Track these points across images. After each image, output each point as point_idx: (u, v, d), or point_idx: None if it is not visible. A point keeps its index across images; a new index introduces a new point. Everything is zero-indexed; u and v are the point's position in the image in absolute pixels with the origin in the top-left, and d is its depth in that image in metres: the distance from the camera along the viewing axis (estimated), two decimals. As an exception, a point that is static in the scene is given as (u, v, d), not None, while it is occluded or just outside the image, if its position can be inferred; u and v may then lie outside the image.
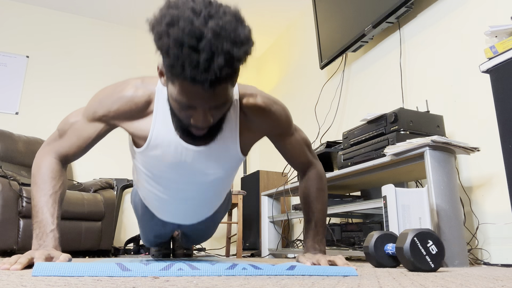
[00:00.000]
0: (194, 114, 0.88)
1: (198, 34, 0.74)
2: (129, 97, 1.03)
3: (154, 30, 0.79)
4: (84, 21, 3.90)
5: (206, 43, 0.74)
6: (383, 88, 2.50)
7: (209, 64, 0.75)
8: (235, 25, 0.78)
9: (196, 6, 0.77)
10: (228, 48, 0.75)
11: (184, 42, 0.74)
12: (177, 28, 0.74)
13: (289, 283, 0.68)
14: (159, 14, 0.79)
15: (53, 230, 1.00)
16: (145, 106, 1.03)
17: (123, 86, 1.04)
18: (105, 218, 2.78)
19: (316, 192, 1.23)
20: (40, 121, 3.45)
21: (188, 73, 0.76)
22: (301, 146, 1.21)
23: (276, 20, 3.88)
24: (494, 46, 1.29)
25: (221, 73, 0.77)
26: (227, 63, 0.76)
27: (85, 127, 1.07)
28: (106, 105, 1.04)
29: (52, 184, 1.05)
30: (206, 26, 0.75)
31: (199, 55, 0.74)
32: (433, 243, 1.02)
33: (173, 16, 0.76)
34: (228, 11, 0.80)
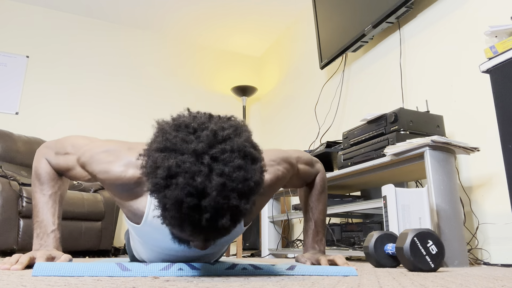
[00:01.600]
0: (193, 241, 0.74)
1: (200, 191, 0.62)
2: (116, 175, 0.90)
3: (148, 178, 0.66)
4: (84, 21, 3.90)
5: (209, 201, 0.62)
6: (383, 88, 2.50)
7: (212, 223, 0.63)
8: (244, 172, 0.64)
9: (198, 147, 0.64)
10: (236, 203, 0.63)
11: (183, 202, 0.62)
12: (176, 186, 0.62)
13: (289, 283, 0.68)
14: (153, 157, 0.65)
15: (54, 231, 1.00)
16: (134, 186, 0.90)
17: (114, 157, 0.92)
18: (105, 218, 2.78)
19: (317, 193, 1.23)
20: (40, 121, 3.45)
21: (188, 232, 0.65)
22: (306, 172, 1.20)
23: (276, 20, 3.88)
24: (494, 46, 1.29)
25: (226, 231, 0.66)
26: (233, 218, 0.65)
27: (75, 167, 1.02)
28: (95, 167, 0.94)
29: (52, 184, 1.05)
30: (210, 179, 0.62)
31: (201, 215, 0.63)
32: (433, 243, 1.02)
33: (171, 169, 0.62)
34: (237, 146, 0.65)
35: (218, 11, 3.74)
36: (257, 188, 0.66)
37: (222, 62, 4.42)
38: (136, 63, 3.99)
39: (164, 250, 1.02)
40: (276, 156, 1.07)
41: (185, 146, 0.64)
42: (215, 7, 3.68)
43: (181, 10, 3.76)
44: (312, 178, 1.24)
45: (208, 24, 3.98)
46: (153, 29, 4.11)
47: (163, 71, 4.07)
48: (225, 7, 3.68)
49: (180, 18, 3.89)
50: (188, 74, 4.20)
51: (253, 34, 4.12)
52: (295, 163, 1.14)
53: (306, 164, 1.21)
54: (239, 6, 3.64)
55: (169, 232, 0.80)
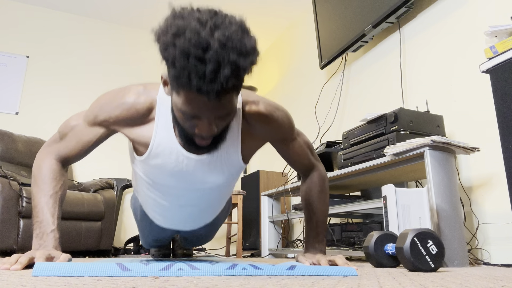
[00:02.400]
0: (198, 124, 0.87)
1: (204, 44, 0.74)
2: (130, 104, 1.01)
3: (159, 41, 0.78)
4: (84, 21, 3.90)
5: (212, 54, 0.73)
6: (383, 88, 2.50)
7: (216, 74, 0.74)
8: (241, 35, 0.77)
9: (202, 17, 0.77)
10: (235, 58, 0.75)
11: (190, 52, 0.73)
12: (183, 38, 0.74)
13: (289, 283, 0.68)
14: (164, 24, 0.79)
15: (53, 231, 1.00)
16: (146, 113, 1.03)
17: (125, 92, 1.04)
18: (105, 218, 2.78)
19: (318, 193, 1.23)
20: (40, 121, 3.45)
21: (194, 83, 0.75)
22: (304, 149, 1.21)
23: (276, 20, 3.88)
24: (494, 46, 1.29)
25: (227, 84, 0.76)
26: (233, 73, 0.76)
27: (85, 131, 1.07)
28: (107, 110, 1.04)
29: (53, 184, 1.05)
30: (213, 36, 0.74)
31: (206, 66, 0.74)
32: (433, 243, 1.02)
33: (179, 27, 0.75)
34: (233, 21, 0.79)
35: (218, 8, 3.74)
36: (253, 51, 0.78)
37: (222, 62, 4.42)
38: (136, 63, 3.99)
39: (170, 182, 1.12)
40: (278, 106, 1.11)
41: (191, 15, 0.77)
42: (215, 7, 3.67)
43: (181, 10, 3.76)
44: (308, 166, 1.23)
45: (208, 24, 3.98)
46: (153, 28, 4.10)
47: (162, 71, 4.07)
48: (225, 7, 3.66)
49: (180, 18, 3.89)
50: (188, 74, 4.20)
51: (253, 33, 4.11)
52: (295, 130, 1.17)
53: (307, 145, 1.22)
54: (239, 6, 3.64)
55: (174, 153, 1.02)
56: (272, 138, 1.15)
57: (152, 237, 1.59)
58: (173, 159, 1.06)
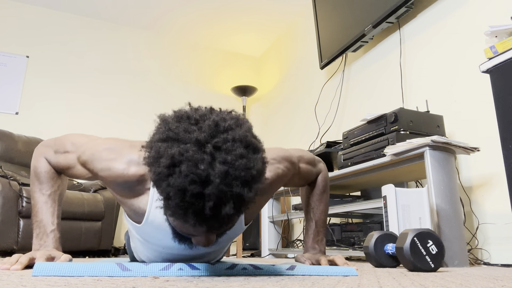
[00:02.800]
0: (195, 237, 0.75)
1: (203, 179, 0.62)
2: (118, 172, 0.90)
3: (150, 166, 0.66)
4: (84, 21, 3.90)
5: (212, 189, 0.62)
6: (383, 88, 2.50)
7: (216, 211, 0.64)
8: (246, 160, 0.65)
9: (201, 137, 0.64)
10: (238, 191, 0.64)
11: (187, 189, 0.62)
12: (179, 174, 0.62)
13: (289, 283, 0.68)
14: (156, 147, 0.65)
15: (53, 231, 1.00)
16: (136, 184, 0.91)
17: (117, 155, 0.92)
18: (105, 218, 2.78)
19: (319, 194, 1.23)
20: (40, 121, 3.45)
21: (192, 221, 0.65)
22: (308, 172, 1.19)
23: (276, 20, 3.88)
24: (494, 46, 1.29)
25: (229, 220, 0.67)
26: (236, 207, 0.65)
27: (76, 165, 1.01)
28: (96, 165, 0.94)
29: (51, 183, 1.04)
30: (213, 167, 0.62)
31: (205, 203, 0.63)
32: (433, 243, 1.02)
33: (174, 157, 0.63)
34: (238, 136, 0.66)
35: (218, 11, 3.74)
36: (259, 176, 0.67)
37: (222, 62, 4.42)
38: (136, 63, 3.99)
39: (165, 249, 1.01)
40: (277, 155, 1.06)
41: (188, 136, 0.65)
42: (215, 7, 3.68)
43: (181, 10, 3.76)
44: (313, 178, 1.24)
45: (208, 24, 3.98)
46: (153, 29, 4.11)
47: (163, 71, 4.07)
48: (225, 7, 3.68)
49: (180, 18, 3.90)
50: (188, 74, 4.20)
51: (253, 34, 4.12)
52: (296, 162, 1.14)
53: (308, 163, 1.20)
54: (239, 6, 3.64)
55: (170, 231, 0.81)
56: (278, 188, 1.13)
57: None
58: (168, 237, 0.90)
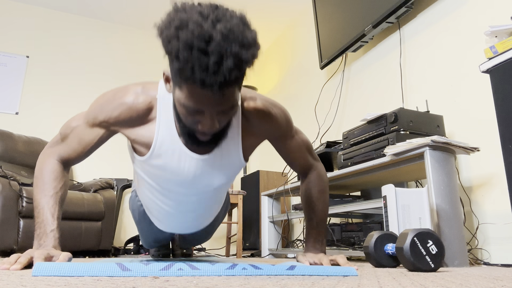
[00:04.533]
0: (201, 119, 0.87)
1: (207, 36, 0.74)
2: (129, 104, 1.01)
3: (163, 34, 0.79)
4: (84, 21, 3.90)
5: (215, 46, 0.74)
6: (383, 88, 2.50)
7: (218, 66, 0.75)
8: (242, 28, 0.78)
9: (204, 10, 0.78)
10: (237, 50, 0.75)
11: (193, 45, 0.74)
12: (186, 31, 0.74)
13: (289, 283, 0.68)
14: (167, 18, 0.79)
15: (53, 230, 1.00)
16: (146, 113, 1.02)
17: (123, 92, 1.03)
18: (105, 218, 2.78)
19: (317, 193, 1.23)
20: (40, 121, 3.45)
21: (198, 76, 0.76)
22: (301, 148, 1.20)
23: (276, 20, 3.88)
24: (494, 46, 1.29)
25: (230, 76, 0.76)
26: (236, 65, 0.76)
27: (86, 132, 1.07)
28: (106, 111, 1.03)
29: (53, 185, 1.05)
30: (215, 29, 0.75)
31: (209, 58, 0.74)
32: (433, 243, 1.02)
33: (182, 20, 0.76)
34: (234, 15, 0.80)
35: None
36: (254, 43, 0.79)
37: (222, 62, 4.42)
38: (136, 63, 3.99)
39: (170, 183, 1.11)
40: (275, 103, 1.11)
41: (193, 9, 0.78)
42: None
43: (181, 10, 3.76)
44: (306, 165, 1.23)
45: (208, 24, 3.98)
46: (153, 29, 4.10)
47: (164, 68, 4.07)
48: (225, 7, 3.67)
49: (180, 18, 3.90)
50: (188, 74, 4.20)
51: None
52: (293, 127, 1.16)
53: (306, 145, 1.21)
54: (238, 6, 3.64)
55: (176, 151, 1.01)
56: (270, 135, 1.14)
57: (151, 238, 1.59)
58: (176, 159, 1.05)
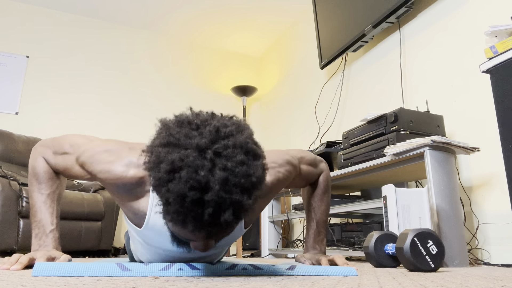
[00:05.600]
0: (193, 242, 0.74)
1: (203, 185, 0.62)
2: (117, 175, 0.89)
3: (151, 173, 0.66)
4: (84, 21, 3.90)
5: (212, 196, 0.62)
6: (383, 88, 2.50)
7: (215, 218, 0.64)
8: (246, 167, 0.65)
9: (201, 142, 0.64)
10: (238, 198, 0.64)
11: (186, 195, 0.62)
12: (179, 179, 0.62)
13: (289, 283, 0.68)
14: (156, 152, 0.65)
15: (52, 231, 1.00)
16: (134, 187, 0.90)
17: (116, 157, 0.91)
18: (105, 218, 2.78)
19: (320, 194, 1.23)
20: (40, 121, 3.45)
21: (190, 227, 0.65)
22: (309, 172, 1.19)
23: (276, 20, 3.88)
24: (494, 46, 1.29)
25: (228, 227, 0.67)
26: (236, 214, 0.65)
27: (74, 167, 1.00)
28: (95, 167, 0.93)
29: (49, 183, 1.04)
30: (213, 173, 0.62)
31: (204, 210, 0.63)
32: (433, 243, 1.02)
33: (174, 163, 0.63)
34: (238, 143, 0.66)
35: (218, 11, 3.74)
36: (259, 184, 0.67)
37: (222, 62, 4.42)
38: (136, 63, 3.99)
39: (166, 252, 1.01)
40: (278, 158, 1.05)
41: (188, 141, 0.64)
42: (215, 7, 3.68)
43: (181, 10, 3.76)
44: (315, 178, 1.24)
45: (208, 24, 3.98)
46: (153, 29, 4.11)
47: (163, 71, 4.07)
48: (225, 7, 3.68)
49: (180, 18, 3.89)
50: (188, 74, 4.20)
51: (253, 34, 4.12)
52: (297, 164, 1.12)
53: (309, 164, 1.20)
54: (239, 6, 3.64)
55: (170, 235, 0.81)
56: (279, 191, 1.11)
57: None
58: (168, 241, 0.89)
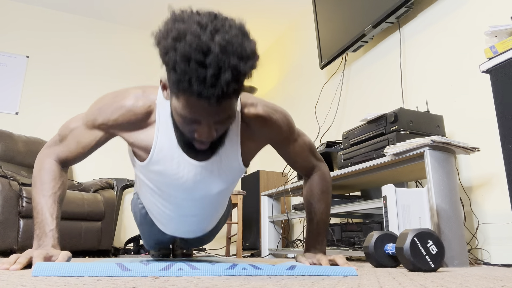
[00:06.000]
0: (198, 128, 0.87)
1: (205, 48, 0.73)
2: (128, 107, 1.00)
3: (160, 45, 0.78)
4: (84, 21, 3.90)
5: (213, 58, 0.73)
6: (383, 88, 2.50)
7: (216, 79, 0.74)
8: (241, 39, 0.76)
9: (202, 20, 0.76)
10: (235, 63, 0.74)
11: (191, 57, 0.73)
12: (184, 42, 0.73)
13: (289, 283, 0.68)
14: (164, 28, 0.78)
15: (52, 230, 1.00)
16: (145, 117, 1.01)
17: (123, 95, 1.02)
18: (105, 218, 2.78)
19: (319, 193, 1.23)
20: (40, 121, 3.45)
21: (195, 88, 0.75)
22: (304, 151, 1.19)
23: (276, 20, 3.88)
24: (494, 46, 1.29)
25: (228, 88, 0.75)
26: (234, 78, 0.75)
27: (84, 134, 1.06)
28: (105, 113, 1.02)
29: (52, 185, 1.05)
30: (213, 40, 0.74)
31: (206, 70, 0.73)
32: (433, 243, 1.02)
33: (180, 30, 0.74)
34: (233, 25, 0.78)
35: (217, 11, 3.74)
36: (253, 55, 0.78)
37: (222, 62, 4.42)
38: (136, 63, 3.99)
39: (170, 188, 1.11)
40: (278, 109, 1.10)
41: (192, 18, 0.77)
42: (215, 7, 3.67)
43: (181, 10, 3.76)
44: (309, 167, 1.23)
45: (208, 24, 3.98)
46: (153, 29, 4.10)
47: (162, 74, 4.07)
48: (224, 7, 3.66)
49: (180, 18, 3.90)
50: (188, 74, 4.20)
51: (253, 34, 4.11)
52: (295, 130, 1.15)
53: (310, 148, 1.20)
54: (239, 6, 3.64)
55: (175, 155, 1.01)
56: (271, 140, 1.14)
57: (153, 239, 1.59)
58: (175, 165, 1.04)
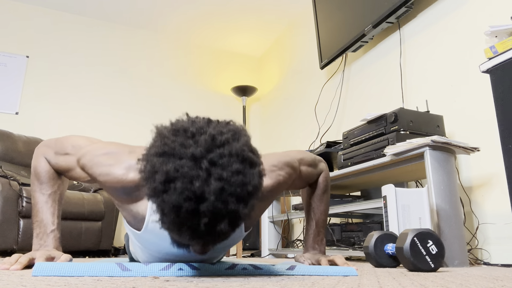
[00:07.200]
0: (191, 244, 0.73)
1: (198, 196, 0.62)
2: (117, 178, 0.89)
3: (146, 183, 0.66)
4: (84, 21, 3.90)
5: (207, 206, 0.62)
6: (383, 88, 2.50)
7: (210, 228, 0.63)
8: (242, 177, 0.64)
9: (197, 152, 0.63)
10: (233, 207, 0.63)
11: (181, 207, 0.61)
12: (174, 190, 0.61)
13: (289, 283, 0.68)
14: (151, 162, 0.65)
15: (53, 230, 1.00)
16: (134, 189, 0.89)
17: (115, 159, 0.91)
18: (105, 218, 2.78)
19: (320, 194, 1.23)
20: (40, 121, 3.45)
21: (186, 235, 0.65)
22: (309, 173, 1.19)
23: (276, 20, 3.88)
24: (494, 46, 1.29)
25: (224, 235, 0.66)
26: (231, 223, 0.64)
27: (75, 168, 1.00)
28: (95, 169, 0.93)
29: (51, 183, 1.04)
30: (208, 184, 0.62)
31: (200, 220, 0.62)
32: (433, 243, 1.02)
33: (169, 173, 0.62)
34: (235, 151, 0.65)
35: (218, 11, 3.74)
36: (255, 192, 0.66)
37: (222, 62, 4.42)
38: (136, 63, 3.99)
39: (165, 255, 1.01)
40: (277, 161, 1.05)
41: (183, 151, 0.63)
42: (215, 6, 3.68)
43: (181, 10, 3.76)
44: (315, 179, 1.24)
45: (208, 24, 3.98)
46: (153, 29, 4.11)
47: (163, 71, 4.07)
48: (224, 7, 3.68)
49: (180, 18, 3.90)
50: (188, 74, 4.20)
51: (253, 34, 4.12)
52: (297, 166, 1.12)
53: (309, 165, 1.20)
54: (239, 6, 3.64)
55: (169, 237, 0.79)
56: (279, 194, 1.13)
57: None
58: (169, 245, 0.93)
